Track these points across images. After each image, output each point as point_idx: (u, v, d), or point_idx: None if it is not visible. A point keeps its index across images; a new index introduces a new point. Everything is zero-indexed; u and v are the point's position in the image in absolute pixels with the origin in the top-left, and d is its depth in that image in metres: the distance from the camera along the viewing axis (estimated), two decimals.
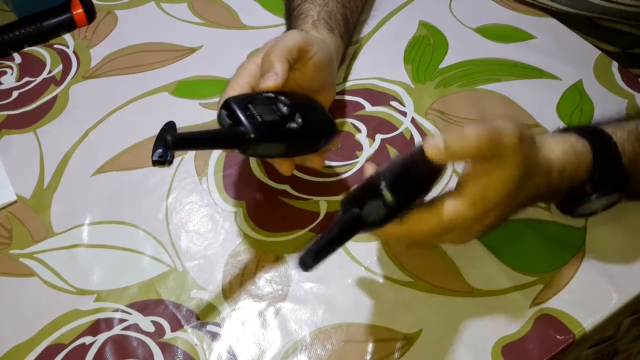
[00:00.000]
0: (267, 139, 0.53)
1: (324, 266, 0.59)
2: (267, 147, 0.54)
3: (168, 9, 0.87)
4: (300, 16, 0.70)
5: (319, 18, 0.69)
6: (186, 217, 0.64)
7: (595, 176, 0.53)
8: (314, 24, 0.68)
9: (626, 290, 0.56)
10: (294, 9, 0.72)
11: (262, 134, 0.53)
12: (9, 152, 0.70)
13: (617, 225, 0.61)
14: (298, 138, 0.56)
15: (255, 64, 0.60)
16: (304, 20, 0.69)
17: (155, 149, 0.69)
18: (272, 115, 0.54)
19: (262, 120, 0.53)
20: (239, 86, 0.58)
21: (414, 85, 0.75)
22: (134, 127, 0.72)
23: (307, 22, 0.69)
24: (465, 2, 0.85)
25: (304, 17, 0.70)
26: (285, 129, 0.55)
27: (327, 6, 0.71)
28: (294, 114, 0.56)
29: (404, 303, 0.56)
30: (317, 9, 0.70)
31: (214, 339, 0.55)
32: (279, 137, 0.55)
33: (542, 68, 0.76)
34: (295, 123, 0.56)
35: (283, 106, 0.56)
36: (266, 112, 0.54)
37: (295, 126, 0.55)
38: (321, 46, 0.62)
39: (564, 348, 0.54)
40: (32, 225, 0.64)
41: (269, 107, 0.55)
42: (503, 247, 0.59)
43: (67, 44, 0.83)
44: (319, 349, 0.54)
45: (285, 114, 0.56)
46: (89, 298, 0.58)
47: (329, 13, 0.70)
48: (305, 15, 0.70)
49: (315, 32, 0.68)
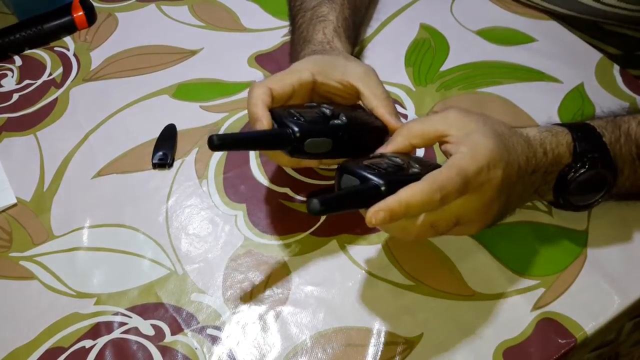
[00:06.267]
0: (311, 134, 0.53)
1: (325, 270, 0.59)
2: (313, 143, 0.54)
3: (168, 12, 0.87)
4: (318, 19, 0.69)
5: (338, 24, 0.69)
6: (186, 220, 0.64)
7: (577, 149, 0.54)
8: (335, 30, 0.68)
9: (628, 293, 0.56)
10: (309, 10, 0.71)
11: (306, 130, 0.53)
12: (9, 154, 0.70)
13: (619, 229, 0.61)
14: (344, 134, 0.56)
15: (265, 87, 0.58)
16: (324, 24, 0.69)
17: (156, 151, 0.69)
18: (315, 116, 0.55)
19: (305, 119, 0.54)
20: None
21: (415, 88, 0.75)
22: (135, 130, 0.72)
23: (329, 27, 0.68)
24: (466, 5, 0.85)
25: (323, 21, 0.69)
26: (329, 125, 0.55)
27: (343, 12, 0.71)
28: (337, 115, 0.56)
29: (405, 307, 0.56)
30: (335, 14, 0.70)
31: (214, 342, 0.55)
32: (323, 132, 0.55)
33: (544, 71, 0.76)
34: (340, 120, 0.56)
35: (326, 109, 0.57)
36: (309, 115, 0.55)
37: (340, 122, 0.56)
38: (330, 63, 0.61)
39: (565, 352, 0.53)
40: (32, 228, 0.63)
41: (312, 111, 0.56)
42: (504, 251, 0.59)
43: (67, 46, 0.83)
44: (319, 353, 0.54)
45: (329, 115, 0.56)
46: (89, 301, 0.58)
47: (345, 19, 0.70)
48: (325, 19, 0.69)
49: (338, 39, 0.67)
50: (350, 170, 0.49)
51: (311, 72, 0.59)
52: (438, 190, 0.46)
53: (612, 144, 0.55)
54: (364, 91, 0.59)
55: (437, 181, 0.46)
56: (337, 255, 0.60)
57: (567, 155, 0.54)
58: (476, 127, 0.51)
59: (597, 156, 0.54)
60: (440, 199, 0.46)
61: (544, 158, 0.53)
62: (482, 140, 0.49)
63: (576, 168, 0.54)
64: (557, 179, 0.55)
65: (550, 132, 0.55)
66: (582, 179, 0.54)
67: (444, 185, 0.46)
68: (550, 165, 0.54)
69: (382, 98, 0.59)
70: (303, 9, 0.72)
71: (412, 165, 0.50)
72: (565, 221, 0.61)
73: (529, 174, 0.53)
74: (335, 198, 0.46)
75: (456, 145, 0.50)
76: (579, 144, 0.54)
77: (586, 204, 0.57)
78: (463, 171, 0.47)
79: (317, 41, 0.67)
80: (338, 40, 0.67)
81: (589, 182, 0.54)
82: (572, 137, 0.54)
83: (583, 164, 0.54)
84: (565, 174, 0.54)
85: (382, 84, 0.61)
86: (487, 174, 0.48)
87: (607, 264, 0.58)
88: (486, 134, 0.50)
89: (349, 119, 0.56)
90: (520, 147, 0.52)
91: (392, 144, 0.53)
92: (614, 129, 0.56)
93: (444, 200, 0.46)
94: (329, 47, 0.66)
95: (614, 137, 0.55)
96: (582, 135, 0.55)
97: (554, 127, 0.56)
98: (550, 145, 0.54)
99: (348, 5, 0.72)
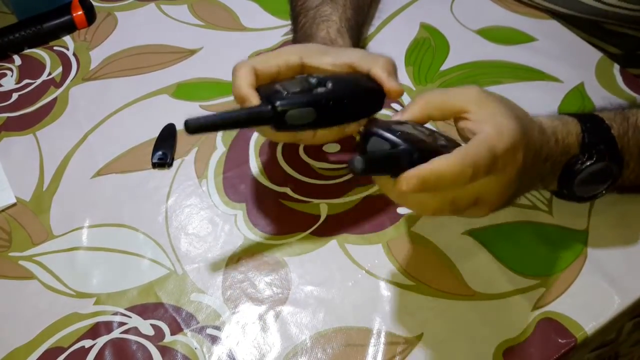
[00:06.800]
0: (292, 105, 0.51)
1: (325, 270, 0.59)
2: (295, 114, 0.52)
3: (168, 11, 0.87)
4: (321, 19, 0.69)
5: (341, 25, 0.69)
6: (186, 220, 0.64)
7: (585, 139, 0.53)
8: (339, 31, 0.68)
9: (628, 293, 0.56)
10: (311, 9, 0.71)
11: (285, 102, 0.51)
12: (8, 154, 0.70)
13: (620, 228, 0.61)
14: (328, 101, 0.53)
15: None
16: (328, 24, 0.68)
17: (155, 151, 0.69)
18: (299, 86, 0.53)
19: (287, 91, 0.52)
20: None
21: (415, 87, 0.75)
22: (134, 130, 0.71)
23: (332, 27, 0.68)
24: (466, 4, 0.85)
25: (327, 21, 0.69)
26: (311, 94, 0.53)
27: (346, 13, 0.71)
28: (324, 82, 0.54)
29: (405, 307, 0.56)
30: (338, 14, 0.70)
31: (213, 342, 0.55)
32: (304, 103, 0.52)
33: (544, 70, 0.75)
34: (325, 87, 0.53)
35: (312, 79, 0.54)
36: (293, 86, 0.53)
37: (324, 90, 0.53)
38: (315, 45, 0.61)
39: (565, 352, 0.53)
40: (31, 228, 0.63)
41: (297, 82, 0.54)
42: (505, 251, 0.59)
43: (67, 46, 0.83)
44: (319, 353, 0.54)
45: (314, 83, 0.54)
46: (88, 301, 0.58)
47: (348, 20, 0.70)
48: (328, 19, 0.69)
49: (341, 39, 0.67)
50: (379, 134, 0.47)
51: (299, 55, 0.57)
52: (470, 166, 0.45)
53: (620, 137, 0.54)
54: (360, 63, 0.57)
55: (470, 155, 0.45)
56: (337, 255, 0.60)
57: (575, 145, 0.54)
58: (497, 107, 0.49)
59: (605, 148, 0.54)
60: (471, 175, 0.45)
61: (555, 147, 0.53)
62: (507, 122, 0.48)
63: (583, 160, 0.53)
64: (563, 169, 0.54)
65: (561, 121, 0.54)
66: (588, 171, 0.54)
67: (476, 161, 0.45)
68: (560, 155, 0.53)
69: (379, 59, 0.57)
70: (305, 8, 0.72)
71: (437, 137, 0.49)
72: (566, 221, 0.61)
73: (542, 162, 0.52)
74: (376, 158, 0.45)
75: (479, 124, 0.48)
76: (587, 135, 0.54)
77: (590, 196, 0.57)
78: (493, 149, 0.46)
79: (320, 37, 0.67)
80: (341, 40, 0.67)
81: (594, 174, 0.54)
82: (580, 128, 0.54)
83: (590, 156, 0.53)
84: (572, 164, 0.54)
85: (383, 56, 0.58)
86: (513, 156, 0.47)
87: (607, 264, 0.58)
88: (509, 116, 0.48)
89: (336, 85, 0.54)
90: (537, 134, 0.51)
91: (408, 112, 0.50)
92: (622, 121, 0.55)
93: (474, 177, 0.45)
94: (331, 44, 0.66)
95: (622, 129, 0.55)
96: (590, 127, 0.54)
97: (563, 117, 0.55)
98: (561, 135, 0.53)
99: (350, 5, 0.72)
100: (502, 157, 0.46)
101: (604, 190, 0.56)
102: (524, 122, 0.50)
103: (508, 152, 0.47)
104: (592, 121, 0.55)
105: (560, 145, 0.53)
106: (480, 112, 0.48)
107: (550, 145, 0.52)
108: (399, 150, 0.45)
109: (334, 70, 0.57)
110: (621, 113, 0.56)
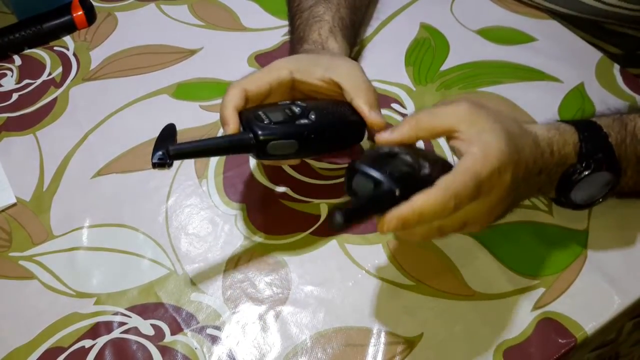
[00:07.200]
0: (273, 137, 0.52)
1: (325, 270, 0.59)
2: (276, 146, 0.53)
3: (168, 11, 0.87)
4: (314, 19, 0.69)
5: (334, 24, 0.69)
6: (186, 220, 0.64)
7: (582, 149, 0.53)
8: (331, 31, 0.68)
9: (628, 293, 0.56)
10: (305, 10, 0.71)
11: (267, 133, 0.51)
12: (8, 154, 0.70)
13: (619, 229, 0.61)
14: (310, 133, 0.54)
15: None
16: (320, 24, 0.68)
17: (155, 151, 0.69)
18: (281, 116, 0.54)
19: (270, 121, 0.52)
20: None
21: (415, 87, 0.75)
22: (134, 130, 0.71)
23: (324, 27, 0.68)
24: (466, 4, 0.85)
25: (319, 21, 0.69)
26: (294, 125, 0.53)
27: (339, 12, 0.71)
28: (307, 113, 0.54)
29: (405, 307, 0.56)
30: (331, 14, 0.70)
31: (214, 342, 0.55)
32: (287, 135, 0.53)
33: (544, 70, 0.75)
34: (307, 119, 0.54)
35: (296, 107, 0.55)
36: (276, 115, 0.53)
37: (306, 122, 0.54)
38: (308, 62, 0.61)
39: (565, 352, 0.53)
40: (31, 228, 0.63)
41: (281, 111, 0.54)
42: (505, 251, 0.59)
43: (67, 46, 0.83)
44: (319, 353, 0.54)
45: (297, 114, 0.54)
46: (88, 301, 0.58)
47: (341, 19, 0.70)
48: (320, 19, 0.69)
49: (333, 39, 0.67)
50: (362, 171, 0.48)
51: (290, 70, 0.58)
52: (452, 198, 0.45)
53: (618, 145, 0.54)
54: (345, 85, 0.58)
55: (451, 188, 0.45)
56: (337, 255, 0.60)
57: (572, 155, 0.54)
58: (487, 124, 0.49)
59: (602, 157, 0.53)
60: (454, 207, 0.45)
61: (551, 158, 0.53)
62: (494, 140, 0.48)
63: (581, 169, 0.53)
64: (561, 178, 0.54)
65: (558, 131, 0.54)
66: (585, 180, 0.54)
67: (458, 193, 0.45)
68: (556, 166, 0.53)
69: (362, 89, 0.57)
70: (300, 9, 0.72)
71: (422, 165, 0.49)
72: (566, 221, 0.61)
73: (535, 175, 0.52)
74: (356, 210, 0.45)
75: (467, 144, 0.48)
76: (585, 144, 0.53)
77: (588, 203, 0.57)
78: (477, 176, 0.46)
79: (311, 40, 0.67)
80: (334, 40, 0.67)
81: (592, 183, 0.54)
82: (578, 137, 0.54)
83: (588, 165, 0.53)
84: (570, 174, 0.54)
85: (366, 78, 0.59)
86: (498, 178, 0.47)
87: (607, 264, 0.58)
88: (498, 134, 0.48)
89: (318, 116, 0.55)
90: (529, 149, 0.51)
91: (397, 133, 0.51)
92: (620, 129, 0.55)
93: (457, 207, 0.46)
94: (321, 48, 0.66)
95: (619, 137, 0.55)
96: (588, 136, 0.54)
97: (560, 125, 0.55)
98: (557, 146, 0.53)
99: (345, 4, 0.72)
100: (487, 181, 0.47)
101: (601, 198, 0.56)
102: (515, 137, 0.49)
103: (494, 175, 0.47)
104: (590, 129, 0.55)
105: (556, 156, 0.53)
106: (468, 131, 0.49)
107: (545, 157, 0.52)
108: (381, 192, 0.46)
109: (322, 88, 0.58)
110: (619, 119, 0.56)
